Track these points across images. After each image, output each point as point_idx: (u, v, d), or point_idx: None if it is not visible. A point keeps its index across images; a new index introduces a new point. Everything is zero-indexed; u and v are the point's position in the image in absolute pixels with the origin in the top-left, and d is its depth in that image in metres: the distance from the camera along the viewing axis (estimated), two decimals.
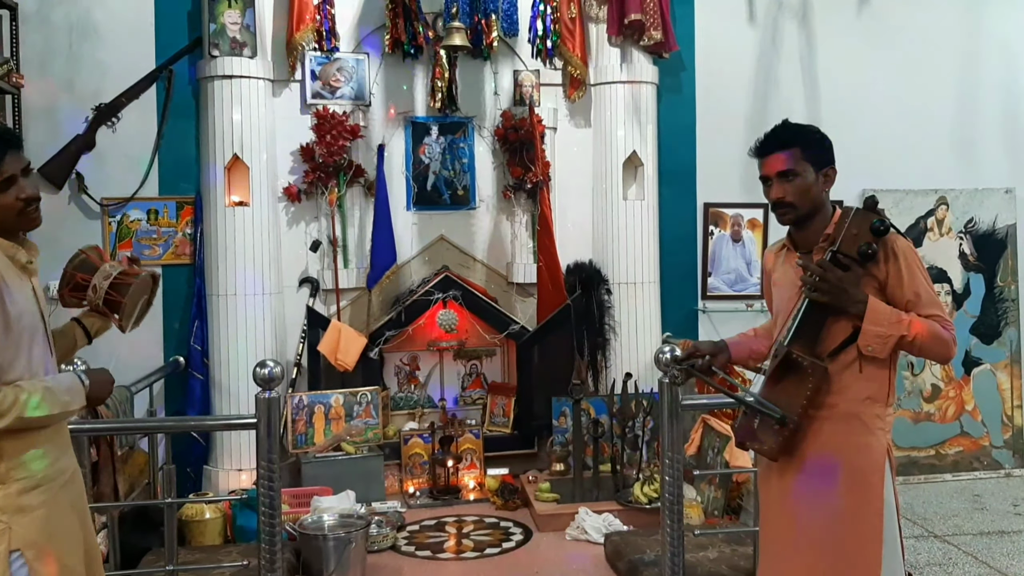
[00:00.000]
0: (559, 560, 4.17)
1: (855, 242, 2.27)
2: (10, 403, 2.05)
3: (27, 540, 2.13)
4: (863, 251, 2.26)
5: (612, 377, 5.31)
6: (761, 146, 2.47)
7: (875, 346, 2.26)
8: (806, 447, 2.35)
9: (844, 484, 2.32)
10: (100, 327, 2.58)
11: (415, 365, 5.55)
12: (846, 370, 2.32)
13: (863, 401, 2.33)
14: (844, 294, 2.26)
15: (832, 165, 2.44)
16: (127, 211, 5.10)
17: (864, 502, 2.31)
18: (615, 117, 5.42)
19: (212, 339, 5.02)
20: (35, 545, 2.15)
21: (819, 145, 2.44)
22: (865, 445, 2.32)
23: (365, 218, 5.33)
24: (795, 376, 2.31)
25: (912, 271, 2.31)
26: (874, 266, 2.30)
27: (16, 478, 2.14)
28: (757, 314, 5.85)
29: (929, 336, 2.26)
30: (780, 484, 2.43)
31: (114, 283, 2.53)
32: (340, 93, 5.28)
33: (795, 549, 2.38)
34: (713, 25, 5.79)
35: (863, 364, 2.31)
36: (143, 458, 4.46)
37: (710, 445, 4.59)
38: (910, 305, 2.30)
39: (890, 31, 5.96)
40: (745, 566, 3.58)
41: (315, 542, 3.86)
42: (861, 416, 2.33)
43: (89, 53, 5.03)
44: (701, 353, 2.52)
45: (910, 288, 2.30)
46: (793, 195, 2.40)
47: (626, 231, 5.42)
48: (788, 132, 2.46)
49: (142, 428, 4.42)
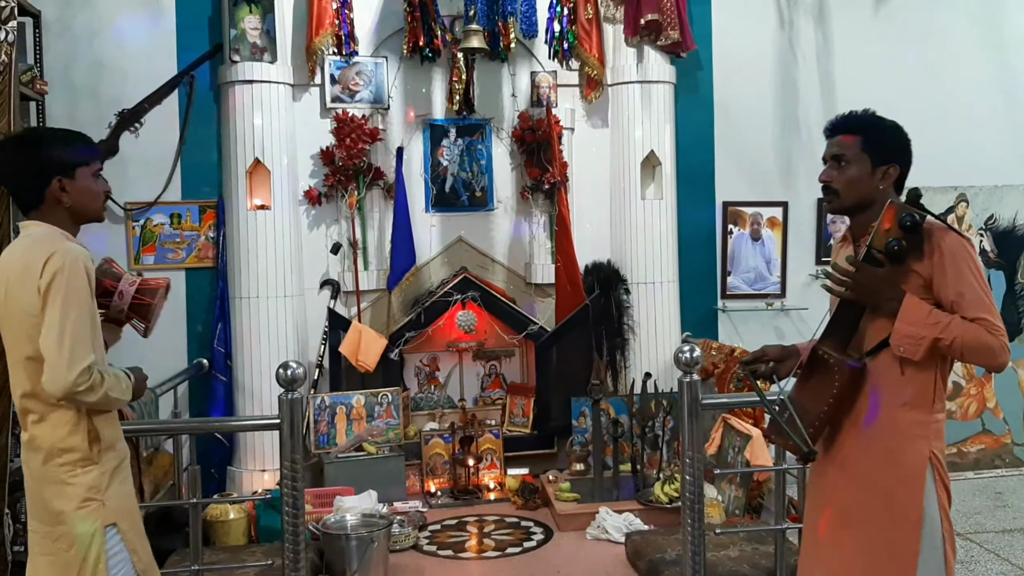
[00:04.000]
0: (580, 559, 4.18)
1: (885, 238, 2.15)
2: (98, 381, 2.22)
3: (121, 514, 2.34)
4: (890, 247, 2.14)
5: (631, 377, 5.32)
6: (829, 127, 2.38)
7: (906, 347, 2.13)
8: (844, 449, 2.27)
9: (879, 492, 2.21)
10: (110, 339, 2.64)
11: (435, 366, 5.58)
12: (886, 371, 2.20)
13: (902, 405, 2.19)
14: (873, 291, 2.17)
15: (895, 164, 2.30)
16: (150, 215, 5.16)
17: (898, 513, 2.19)
18: (632, 117, 5.43)
19: (235, 341, 5.07)
20: (127, 518, 2.36)
21: (885, 140, 2.32)
22: (901, 452, 2.19)
23: (384, 220, 5.37)
24: (822, 374, 2.23)
25: (958, 269, 2.14)
26: (918, 262, 2.17)
27: (107, 458, 2.33)
28: (777, 313, 5.86)
29: (971, 341, 2.09)
30: (820, 483, 2.38)
31: (140, 287, 2.65)
32: (359, 97, 5.32)
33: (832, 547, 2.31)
34: (730, 24, 5.80)
35: (904, 366, 2.17)
36: (168, 459, 4.52)
37: (730, 444, 4.59)
38: (954, 306, 2.13)
39: (908, 29, 5.94)
40: (766, 565, 3.57)
41: (338, 542, 3.89)
42: (899, 421, 2.20)
43: (111, 60, 5.09)
44: (766, 359, 2.42)
45: (954, 287, 2.13)
46: (839, 182, 2.30)
47: (644, 231, 5.43)
48: (856, 119, 2.35)
49: (167, 429, 4.49)
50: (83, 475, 2.27)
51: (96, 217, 2.44)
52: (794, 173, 5.88)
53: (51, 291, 2.19)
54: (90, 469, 2.28)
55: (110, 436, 2.35)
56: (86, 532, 2.26)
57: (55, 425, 2.28)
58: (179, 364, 5.05)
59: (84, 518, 2.27)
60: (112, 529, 2.30)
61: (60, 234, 2.32)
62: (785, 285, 5.91)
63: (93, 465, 2.29)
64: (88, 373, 2.18)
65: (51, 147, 2.34)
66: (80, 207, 2.36)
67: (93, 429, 2.29)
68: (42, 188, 2.31)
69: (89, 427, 2.29)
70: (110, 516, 2.30)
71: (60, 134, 2.46)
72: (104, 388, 2.23)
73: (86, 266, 2.25)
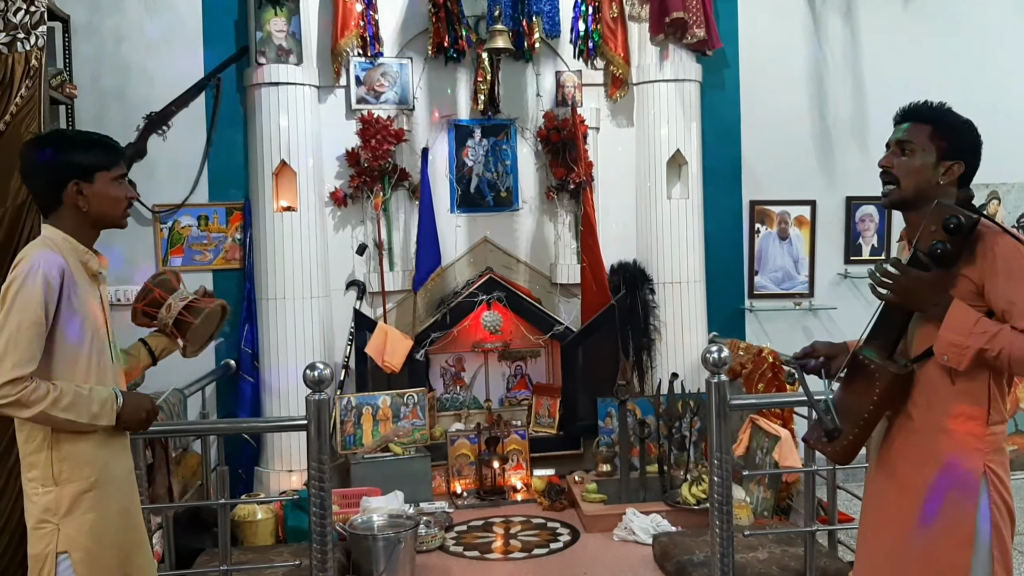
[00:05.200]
0: (607, 561, 4.16)
1: (930, 240, 2.04)
2: (40, 396, 2.12)
3: (75, 543, 2.20)
4: (933, 250, 2.03)
5: (658, 377, 5.29)
6: (900, 113, 2.29)
7: (950, 356, 2.03)
8: (896, 458, 2.20)
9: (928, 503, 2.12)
10: (165, 348, 2.67)
11: (460, 366, 5.58)
12: (937, 380, 2.12)
13: (954, 416, 2.10)
14: (918, 296, 2.08)
15: (961, 162, 2.19)
16: (178, 217, 5.20)
17: (948, 527, 2.10)
18: (658, 116, 5.41)
19: (262, 342, 5.10)
20: (82, 548, 2.21)
21: (955, 135, 2.21)
22: (954, 465, 2.09)
23: (410, 221, 5.37)
24: (864, 380, 2.16)
25: (1012, 275, 2.02)
26: (969, 266, 2.06)
27: (70, 480, 2.21)
28: (805, 312, 5.81)
29: (1018, 354, 1.97)
30: (871, 490, 2.32)
31: (188, 305, 2.63)
32: (384, 98, 5.33)
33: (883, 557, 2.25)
34: (756, 21, 5.75)
35: (953, 375, 2.08)
36: (196, 459, 4.55)
37: (759, 445, 4.55)
38: (1005, 315, 2.02)
39: (938, 21, 5.88)
40: (796, 567, 3.54)
41: (365, 542, 3.90)
42: (952, 432, 2.10)
43: (139, 63, 5.13)
44: (817, 354, 2.36)
45: (1004, 295, 2.02)
46: (901, 169, 2.20)
47: (670, 230, 5.40)
48: (929, 108, 2.26)
49: (195, 430, 4.52)
50: (43, 495, 2.20)
51: (116, 223, 2.39)
52: (822, 171, 5.83)
53: (5, 297, 2.15)
54: (49, 490, 2.20)
55: (77, 457, 2.22)
56: (37, 554, 2.21)
57: (24, 439, 2.24)
58: (207, 365, 5.06)
59: (38, 539, 2.22)
60: (64, 556, 2.20)
61: (61, 239, 2.27)
62: (813, 284, 5.86)
63: (53, 487, 2.20)
64: (15, 386, 2.09)
65: (70, 150, 2.30)
66: (98, 212, 2.31)
67: (58, 449, 2.21)
68: (59, 191, 2.27)
69: (53, 446, 2.20)
70: (63, 543, 2.20)
71: (82, 137, 2.40)
72: (43, 404, 2.12)
73: (47, 277, 2.15)
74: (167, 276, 2.68)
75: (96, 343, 2.29)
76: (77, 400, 2.17)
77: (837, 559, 3.72)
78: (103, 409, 2.23)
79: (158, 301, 2.61)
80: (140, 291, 2.66)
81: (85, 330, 2.25)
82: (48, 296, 2.15)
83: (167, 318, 2.62)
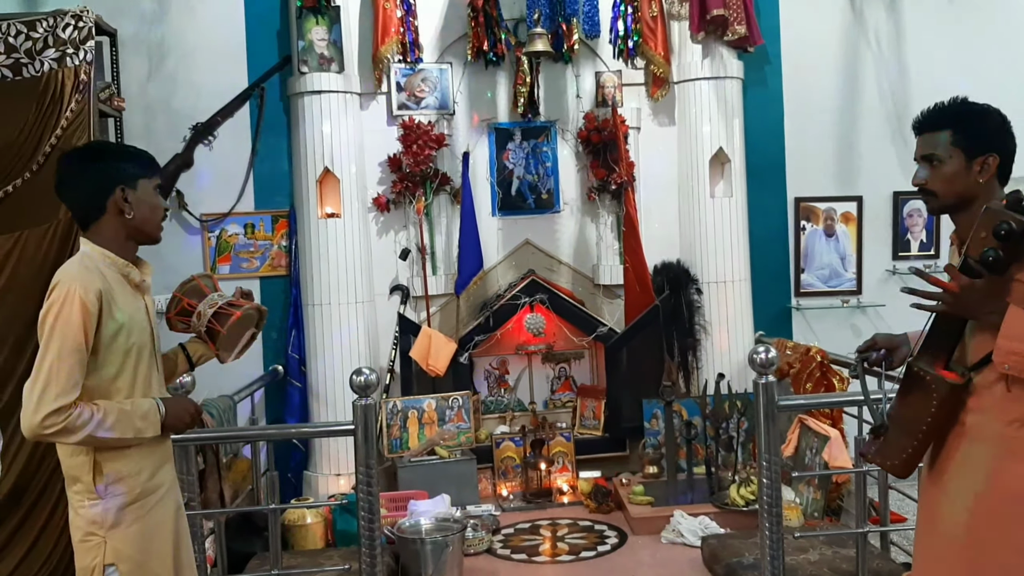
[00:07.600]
0: (656, 563, 4.14)
1: (981, 246, 1.95)
2: (85, 420, 2.12)
3: (122, 555, 2.22)
4: (985, 258, 1.94)
5: (704, 378, 5.25)
6: (916, 124, 2.22)
7: (1012, 364, 1.94)
8: (951, 467, 2.13)
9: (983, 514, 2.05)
10: (203, 355, 2.64)
11: (504, 369, 5.59)
12: (993, 387, 2.04)
13: (1011, 423, 2.02)
14: (971, 305, 1.99)
15: (993, 152, 2.11)
16: (225, 226, 5.28)
17: (1003, 537, 2.02)
18: (700, 114, 5.37)
19: (308, 347, 5.15)
20: (130, 560, 2.23)
21: (977, 130, 2.13)
22: (1011, 472, 2.02)
23: (452, 225, 5.40)
24: (920, 391, 2.10)
25: None
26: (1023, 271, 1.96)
27: (114, 494, 2.22)
28: (853, 310, 5.72)
29: None
30: (925, 500, 2.25)
31: (217, 312, 2.58)
32: (425, 103, 5.37)
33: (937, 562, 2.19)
34: (798, 16, 5.68)
35: (1010, 383, 1.99)
36: (246, 464, 4.61)
37: (808, 446, 4.49)
38: None
39: (983, 14, 5.75)
40: (847, 569, 3.48)
41: (413, 546, 3.92)
42: (1009, 440, 2.02)
43: (184, 75, 5.22)
44: (878, 346, 2.31)
45: None
46: (934, 183, 2.15)
47: (714, 229, 5.35)
48: (941, 112, 2.18)
49: (246, 436, 4.59)
50: (89, 508, 2.21)
51: (153, 234, 2.37)
52: (868, 166, 5.73)
53: (43, 324, 2.15)
54: (95, 503, 2.21)
55: (121, 470, 2.23)
56: (85, 567, 2.22)
57: (68, 453, 2.24)
58: (255, 371, 5.14)
59: (85, 552, 2.23)
60: (112, 569, 2.21)
61: (100, 255, 2.26)
62: (861, 281, 5.77)
63: (98, 500, 2.21)
64: (60, 415, 2.09)
65: (115, 157, 2.33)
66: (141, 219, 2.30)
67: (97, 463, 2.21)
68: (104, 198, 2.26)
69: (95, 459, 2.21)
70: (110, 555, 2.21)
71: (122, 146, 2.48)
72: (89, 428, 2.12)
73: (83, 301, 2.13)
74: (196, 283, 2.63)
75: (142, 355, 2.29)
76: (121, 417, 2.18)
77: (890, 560, 3.66)
78: (147, 421, 2.24)
79: (188, 310, 2.58)
80: (170, 301, 2.63)
81: (130, 345, 2.26)
82: (87, 320, 2.14)
83: (199, 326, 2.58)
